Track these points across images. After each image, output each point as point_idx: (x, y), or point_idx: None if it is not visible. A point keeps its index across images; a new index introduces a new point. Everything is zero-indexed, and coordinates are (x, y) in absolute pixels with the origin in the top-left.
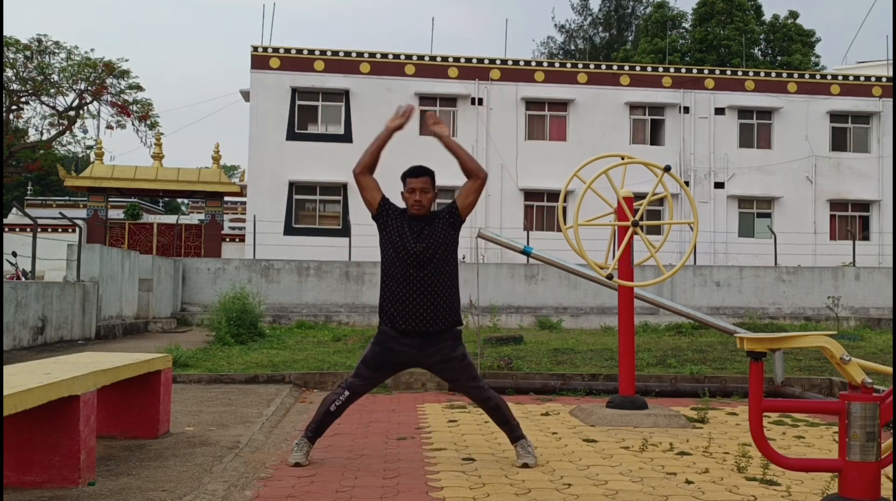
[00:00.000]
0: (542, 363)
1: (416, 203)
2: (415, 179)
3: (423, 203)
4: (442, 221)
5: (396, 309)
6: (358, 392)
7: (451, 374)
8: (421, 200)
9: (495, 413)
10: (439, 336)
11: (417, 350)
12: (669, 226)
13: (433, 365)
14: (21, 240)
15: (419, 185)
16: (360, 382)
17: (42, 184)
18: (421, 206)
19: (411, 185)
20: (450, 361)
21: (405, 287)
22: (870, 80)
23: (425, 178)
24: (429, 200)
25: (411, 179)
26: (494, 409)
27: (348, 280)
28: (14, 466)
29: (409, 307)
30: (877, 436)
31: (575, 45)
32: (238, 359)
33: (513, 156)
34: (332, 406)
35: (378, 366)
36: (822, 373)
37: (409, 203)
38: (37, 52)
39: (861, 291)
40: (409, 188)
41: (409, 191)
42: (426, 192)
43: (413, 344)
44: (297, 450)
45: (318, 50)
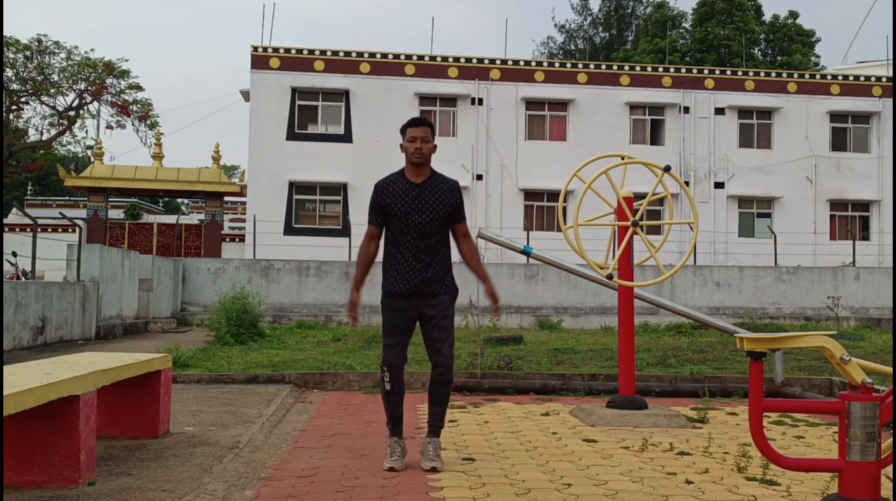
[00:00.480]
0: (542, 363)
1: (416, 151)
2: (415, 128)
3: (424, 152)
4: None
5: (398, 277)
6: (395, 363)
7: (441, 332)
8: (421, 148)
9: (442, 390)
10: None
11: (420, 300)
12: (669, 226)
13: (432, 317)
14: (21, 240)
15: (420, 134)
16: (390, 353)
17: (42, 184)
18: (421, 154)
19: (412, 134)
20: (445, 318)
21: (408, 256)
22: (870, 80)
23: (425, 127)
24: (429, 149)
25: (412, 129)
26: (446, 384)
27: (348, 280)
28: (14, 466)
29: (409, 277)
30: (877, 436)
31: (575, 45)
32: (238, 359)
33: (513, 156)
34: (387, 386)
35: (396, 328)
36: (822, 373)
37: (409, 152)
38: (37, 52)
39: (861, 291)
40: (410, 137)
41: (410, 140)
42: (426, 141)
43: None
44: (391, 455)
45: (318, 50)
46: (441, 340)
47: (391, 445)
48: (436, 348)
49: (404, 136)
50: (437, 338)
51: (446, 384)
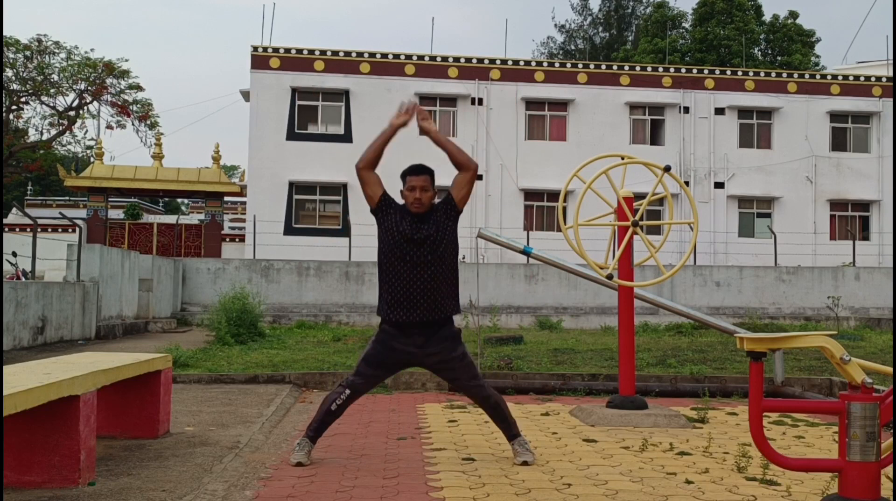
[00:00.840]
0: (542, 363)
1: (415, 201)
2: (415, 177)
3: (423, 201)
4: (439, 213)
5: (395, 300)
6: (359, 391)
7: (451, 374)
8: (421, 198)
9: (495, 412)
10: (439, 333)
11: (418, 349)
12: (669, 226)
13: (433, 365)
14: (21, 240)
15: (419, 183)
16: (361, 380)
17: (42, 184)
18: (421, 204)
19: (411, 183)
20: (450, 361)
21: (403, 278)
22: (870, 80)
23: (425, 176)
24: (429, 198)
25: (411, 177)
26: (494, 407)
27: (348, 280)
28: (14, 466)
29: (408, 298)
30: (877, 436)
31: (575, 45)
32: (238, 359)
33: (513, 156)
34: (333, 405)
35: (379, 365)
36: (822, 373)
37: (408, 201)
38: (37, 52)
39: (861, 291)
40: (409, 186)
41: (409, 189)
42: (426, 190)
43: (414, 343)
44: (299, 450)
45: (318, 50)
46: (456, 378)
47: (302, 441)
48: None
49: (404, 182)
50: (452, 379)
51: (495, 406)
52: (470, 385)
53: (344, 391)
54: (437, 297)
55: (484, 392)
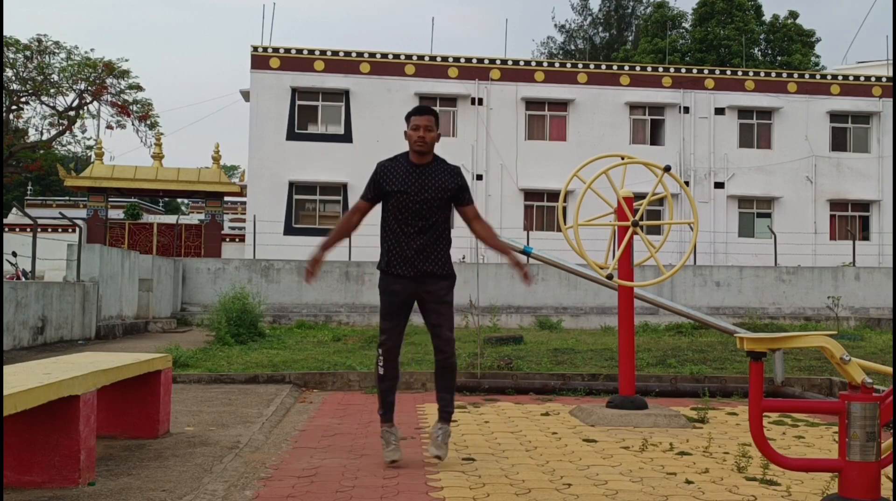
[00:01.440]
0: (542, 363)
1: (419, 139)
2: (419, 117)
3: (427, 140)
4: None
5: (394, 258)
6: (391, 346)
7: (438, 317)
8: (424, 136)
9: (447, 375)
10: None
11: (416, 285)
12: (669, 226)
13: (429, 301)
14: (21, 240)
15: (423, 122)
16: (385, 336)
17: (42, 184)
18: (424, 143)
19: (415, 122)
20: (443, 302)
21: (405, 240)
22: (870, 80)
23: (429, 116)
24: (432, 138)
25: (416, 117)
26: (450, 369)
27: (348, 280)
28: (14, 466)
29: (407, 256)
30: (877, 436)
31: (575, 45)
32: (238, 359)
33: (513, 156)
34: (380, 370)
35: (392, 312)
36: (822, 373)
37: (412, 140)
38: (37, 52)
39: (861, 291)
40: (413, 126)
41: (413, 128)
42: (430, 130)
43: (413, 280)
44: (386, 445)
45: (318, 50)
46: (440, 324)
47: (384, 435)
48: (436, 333)
49: (408, 123)
50: (435, 323)
51: (450, 368)
52: (448, 336)
53: (378, 355)
54: (435, 257)
55: (452, 348)
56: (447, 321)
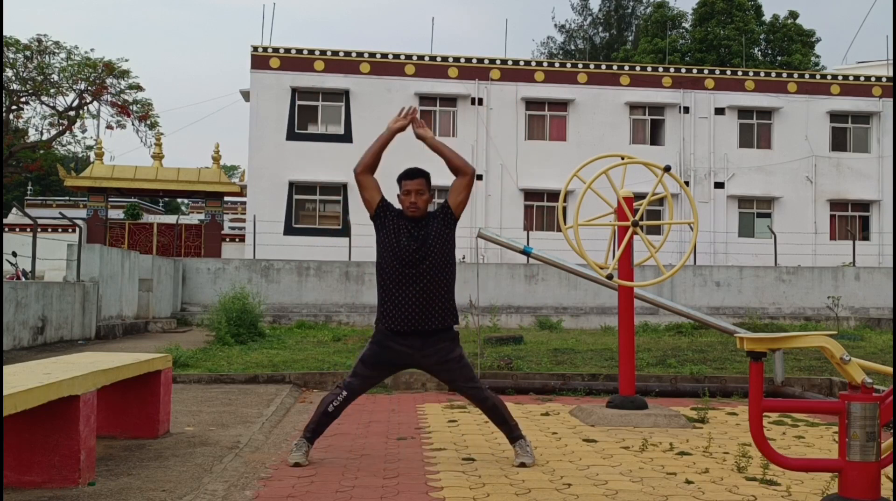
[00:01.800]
0: (542, 363)
1: (411, 205)
2: (410, 181)
3: (419, 205)
4: (437, 221)
5: (392, 309)
6: (356, 392)
7: (448, 375)
8: (416, 201)
9: (493, 413)
10: (436, 336)
11: (415, 351)
12: (669, 226)
13: (430, 366)
14: (21, 240)
15: (414, 187)
16: (357, 381)
17: (42, 184)
18: (416, 208)
19: (406, 187)
20: (447, 362)
21: (401, 287)
22: (870, 80)
23: (420, 180)
24: (424, 201)
25: (406, 182)
26: (492, 409)
27: (348, 280)
28: (14, 466)
29: (405, 307)
30: (877, 436)
31: (575, 45)
32: (238, 359)
33: (513, 156)
34: (331, 407)
35: (376, 365)
36: (822, 373)
37: (404, 205)
38: (37, 52)
39: (861, 291)
40: (405, 190)
41: (405, 193)
42: (421, 194)
43: (411, 344)
44: (297, 450)
45: (318, 50)
46: (453, 380)
47: (299, 442)
48: (454, 388)
49: (400, 187)
50: (450, 380)
51: (493, 408)
52: (467, 387)
53: (341, 392)
54: (433, 307)
55: (481, 394)
56: (460, 375)
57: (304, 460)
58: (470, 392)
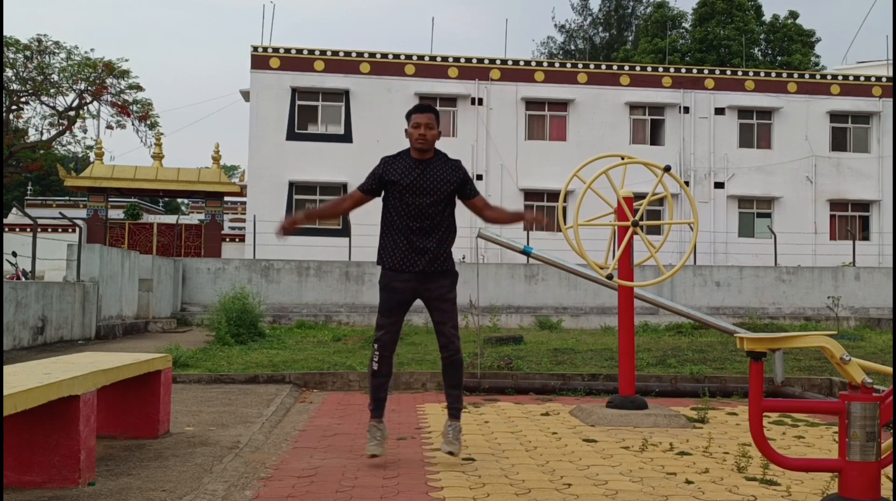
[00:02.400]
0: (542, 363)
1: (420, 137)
2: (420, 114)
3: (428, 138)
4: (447, 170)
5: (396, 255)
6: (387, 342)
7: (442, 315)
8: (425, 134)
9: (454, 371)
10: (437, 274)
11: (418, 283)
12: (669, 226)
13: (431, 299)
14: (21, 240)
15: (424, 120)
16: (382, 332)
17: (42, 184)
18: (425, 140)
19: (416, 120)
20: (446, 301)
21: (406, 237)
22: (870, 80)
23: (430, 114)
24: (433, 135)
25: (416, 115)
26: (456, 365)
27: (348, 280)
28: (14, 466)
29: (409, 254)
30: (877, 436)
31: (575, 45)
32: (238, 359)
33: (513, 156)
34: (374, 365)
35: (391, 309)
36: (822, 373)
37: (413, 138)
38: (37, 52)
39: (861, 291)
40: (414, 124)
41: (414, 126)
42: (430, 127)
43: (415, 278)
44: (371, 439)
45: (318, 50)
46: (443, 322)
47: (371, 429)
48: (440, 330)
49: (409, 121)
50: (439, 320)
51: (456, 364)
52: (451, 333)
53: (375, 352)
54: (434, 255)
55: (457, 344)
56: (451, 319)
57: (380, 450)
58: (451, 339)
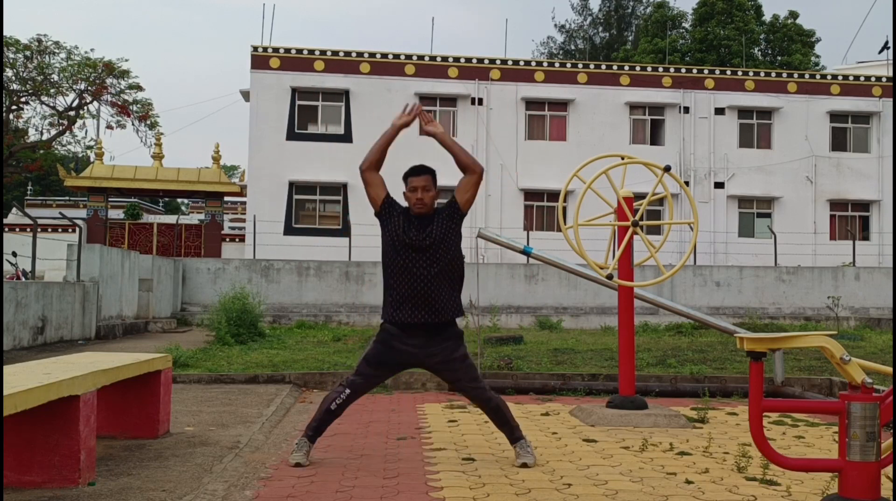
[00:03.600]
0: (542, 363)
1: (417, 201)
2: (416, 177)
3: (425, 201)
4: (442, 216)
5: (397, 303)
6: (359, 391)
7: (452, 375)
8: (423, 198)
9: (495, 414)
10: (441, 334)
11: (419, 350)
12: (669, 226)
13: (435, 365)
14: (21, 240)
15: (420, 183)
16: (361, 380)
17: (42, 184)
18: (423, 204)
19: (413, 184)
20: (451, 361)
21: (406, 280)
22: (870, 80)
23: (426, 176)
24: (430, 198)
25: (413, 178)
26: (495, 410)
27: (348, 280)
28: (14, 466)
29: (410, 300)
30: (877, 436)
31: (575, 45)
32: (238, 359)
33: (513, 156)
34: (333, 405)
35: (380, 364)
36: (822, 373)
37: (411, 202)
38: (37, 52)
39: (861, 291)
40: (411, 187)
41: (411, 190)
42: (428, 190)
43: (415, 344)
44: (297, 450)
45: (318, 50)
46: (457, 379)
47: (300, 441)
48: (458, 388)
49: (406, 184)
50: (452, 380)
51: (495, 409)
52: (470, 387)
53: (344, 390)
54: (439, 300)
55: (484, 395)
56: (464, 375)
57: (304, 460)
58: (473, 393)
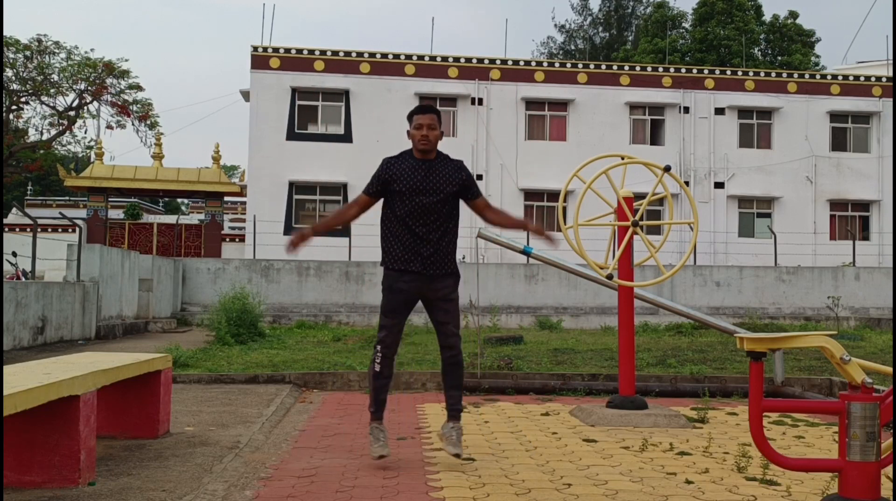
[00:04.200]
0: (542, 363)
1: (422, 138)
2: (422, 115)
3: (430, 138)
4: (450, 170)
5: (400, 256)
6: (389, 343)
7: (444, 315)
8: (427, 135)
9: (454, 372)
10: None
11: (422, 284)
12: (669, 226)
13: (435, 299)
14: (21, 240)
15: (426, 121)
16: (385, 333)
17: (42, 184)
18: (427, 141)
19: (418, 121)
20: (449, 301)
21: (410, 237)
22: (870, 80)
23: (432, 115)
24: (435, 136)
25: (418, 116)
26: (457, 365)
27: (348, 280)
28: (14, 466)
29: (413, 255)
30: (877, 436)
31: (575, 45)
32: (238, 359)
33: (513, 156)
34: (376, 367)
35: (395, 309)
36: (822, 373)
37: (415, 139)
38: (37, 52)
39: (861, 291)
40: (416, 125)
41: (416, 127)
42: (433, 128)
43: (419, 278)
44: (375, 441)
45: (318, 50)
46: (446, 322)
47: (373, 431)
48: (442, 330)
49: (411, 122)
50: (442, 321)
51: (458, 365)
52: (454, 333)
53: (377, 352)
54: (438, 257)
55: (458, 344)
56: (453, 319)
57: (386, 450)
58: (452, 340)
